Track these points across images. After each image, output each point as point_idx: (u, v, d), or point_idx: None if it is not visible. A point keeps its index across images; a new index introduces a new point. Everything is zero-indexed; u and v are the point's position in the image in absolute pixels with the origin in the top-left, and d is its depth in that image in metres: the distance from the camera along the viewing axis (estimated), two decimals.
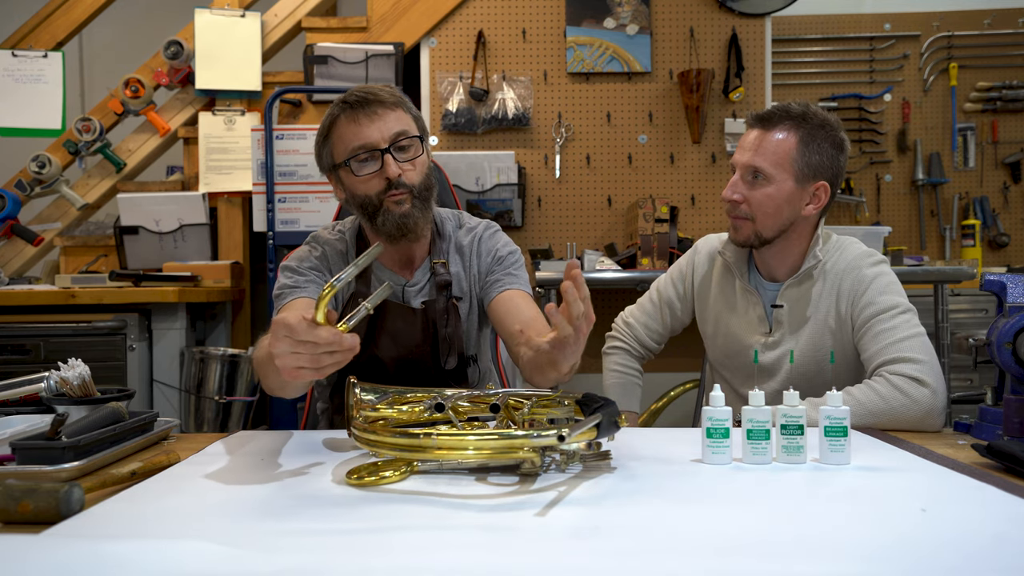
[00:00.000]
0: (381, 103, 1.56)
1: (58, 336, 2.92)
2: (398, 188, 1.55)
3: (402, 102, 1.59)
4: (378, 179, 1.56)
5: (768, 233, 1.70)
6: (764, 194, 1.68)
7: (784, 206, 1.68)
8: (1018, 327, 1.36)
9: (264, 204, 3.35)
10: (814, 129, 1.67)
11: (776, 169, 1.67)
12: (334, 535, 0.89)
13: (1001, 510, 0.97)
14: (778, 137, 1.68)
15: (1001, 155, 4.15)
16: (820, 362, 1.71)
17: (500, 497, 1.02)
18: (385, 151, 1.54)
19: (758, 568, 0.78)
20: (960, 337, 1.56)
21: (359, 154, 1.55)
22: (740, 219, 1.72)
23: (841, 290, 1.70)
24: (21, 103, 3.60)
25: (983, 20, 4.15)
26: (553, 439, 1.03)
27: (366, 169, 1.56)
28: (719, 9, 3.66)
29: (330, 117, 1.60)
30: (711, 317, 1.84)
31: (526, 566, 0.79)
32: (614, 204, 3.66)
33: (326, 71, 3.52)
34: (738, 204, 1.70)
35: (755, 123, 1.72)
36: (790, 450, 1.20)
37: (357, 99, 1.55)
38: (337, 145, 1.58)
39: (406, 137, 1.57)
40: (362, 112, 1.55)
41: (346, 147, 1.56)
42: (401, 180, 1.55)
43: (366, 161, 1.56)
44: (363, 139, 1.55)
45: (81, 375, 1.42)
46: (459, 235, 1.73)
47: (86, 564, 0.79)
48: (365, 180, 1.56)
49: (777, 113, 1.69)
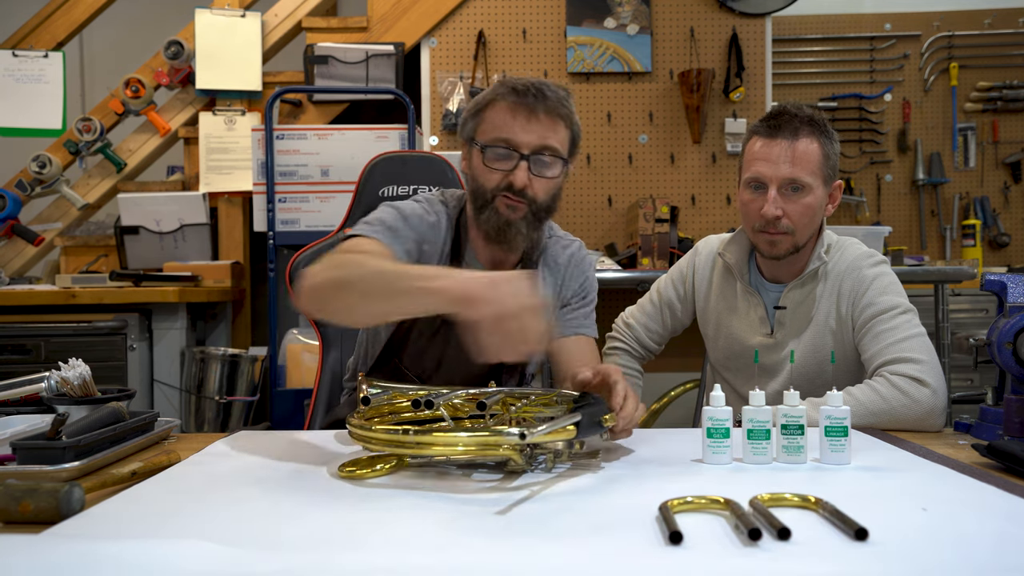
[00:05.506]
0: (547, 107, 1.47)
1: (59, 336, 2.92)
2: (518, 195, 1.48)
3: (568, 115, 1.50)
4: (502, 177, 1.48)
5: (803, 242, 1.70)
6: (804, 205, 1.65)
7: (819, 212, 1.69)
8: (1018, 327, 1.36)
9: (264, 204, 3.35)
10: (827, 131, 1.68)
11: (812, 178, 1.65)
12: (334, 535, 0.89)
13: (1001, 510, 0.97)
14: (808, 145, 1.65)
15: (1001, 155, 4.15)
16: (821, 363, 1.70)
17: (485, 492, 1.02)
18: (525, 157, 1.47)
19: (758, 568, 0.79)
20: (960, 337, 1.56)
21: (499, 146, 1.47)
22: (780, 234, 1.67)
23: (842, 291, 1.70)
24: (22, 103, 3.60)
25: (983, 20, 4.15)
26: (515, 437, 1.04)
27: (498, 163, 1.47)
28: (719, 9, 3.66)
29: (493, 93, 1.50)
30: (712, 319, 1.84)
31: (525, 565, 0.79)
32: (614, 204, 3.66)
33: (326, 71, 3.52)
34: (779, 219, 1.66)
35: (776, 133, 1.66)
36: (790, 450, 1.20)
37: (527, 91, 1.46)
38: (484, 124, 1.49)
39: (552, 154, 1.49)
40: (525, 107, 1.46)
41: (491, 133, 1.48)
42: (524, 191, 1.48)
43: (501, 156, 1.47)
44: (510, 134, 1.46)
45: (82, 375, 1.42)
46: (552, 246, 1.66)
47: (86, 564, 0.79)
48: (490, 171, 1.48)
49: (794, 121, 1.66)
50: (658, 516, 0.92)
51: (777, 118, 1.67)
